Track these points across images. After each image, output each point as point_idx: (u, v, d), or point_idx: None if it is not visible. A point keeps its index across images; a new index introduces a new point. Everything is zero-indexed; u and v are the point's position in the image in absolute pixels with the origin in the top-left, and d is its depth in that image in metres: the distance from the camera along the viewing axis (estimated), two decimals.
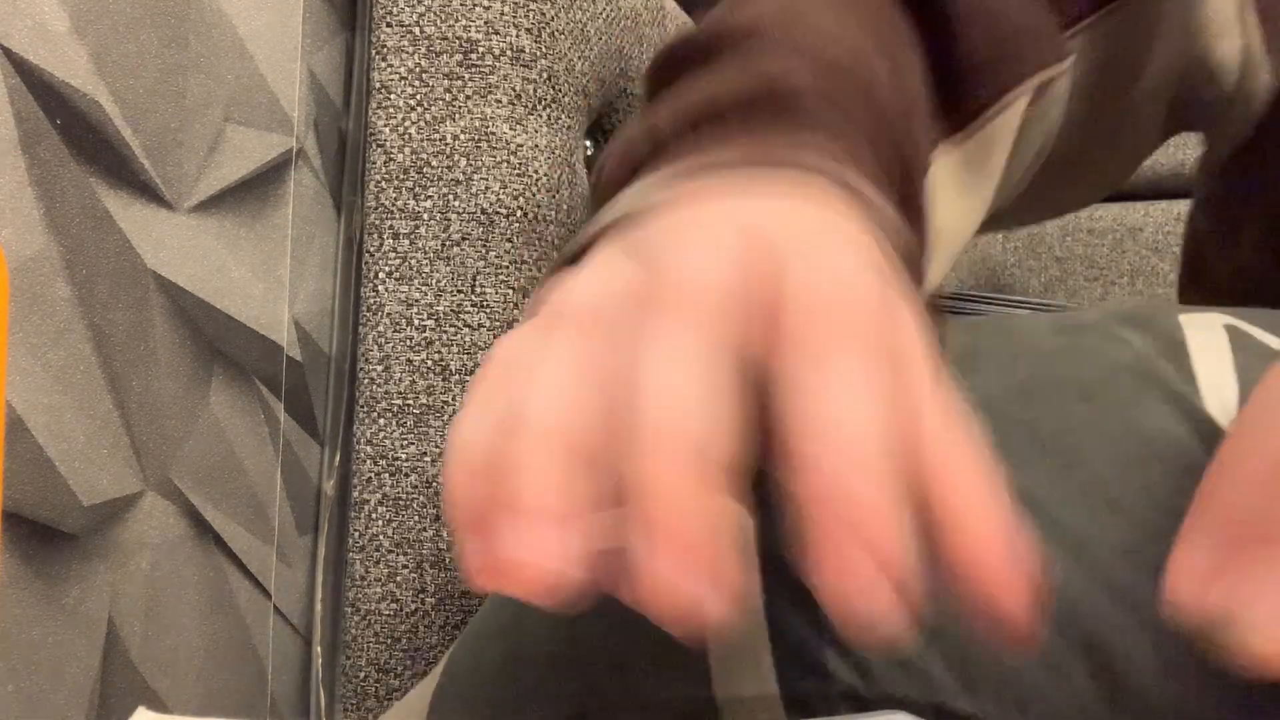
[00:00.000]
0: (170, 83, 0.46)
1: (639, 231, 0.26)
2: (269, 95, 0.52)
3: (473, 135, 0.56)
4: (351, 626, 0.55)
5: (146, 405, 0.45)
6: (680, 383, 0.21)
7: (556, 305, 0.24)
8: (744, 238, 0.24)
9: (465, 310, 0.56)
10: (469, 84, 0.56)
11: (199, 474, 0.48)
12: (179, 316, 0.47)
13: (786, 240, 0.24)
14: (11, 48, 0.39)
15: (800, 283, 0.23)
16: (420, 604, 0.55)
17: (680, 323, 0.22)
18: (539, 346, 0.23)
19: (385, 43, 0.57)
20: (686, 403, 0.21)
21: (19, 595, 0.40)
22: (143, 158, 0.45)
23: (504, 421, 0.22)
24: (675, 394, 0.21)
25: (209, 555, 0.50)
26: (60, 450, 0.41)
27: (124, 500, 0.44)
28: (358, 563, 0.55)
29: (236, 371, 0.51)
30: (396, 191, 0.56)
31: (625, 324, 0.22)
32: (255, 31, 0.51)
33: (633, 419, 0.21)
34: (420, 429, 0.55)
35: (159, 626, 0.46)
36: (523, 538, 0.20)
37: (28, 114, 0.39)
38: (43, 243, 0.40)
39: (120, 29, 0.43)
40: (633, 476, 0.20)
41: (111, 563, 0.44)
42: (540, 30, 0.58)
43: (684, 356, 0.22)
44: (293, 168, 0.54)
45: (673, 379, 0.21)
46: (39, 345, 0.40)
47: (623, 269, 0.24)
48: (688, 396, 0.21)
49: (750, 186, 0.27)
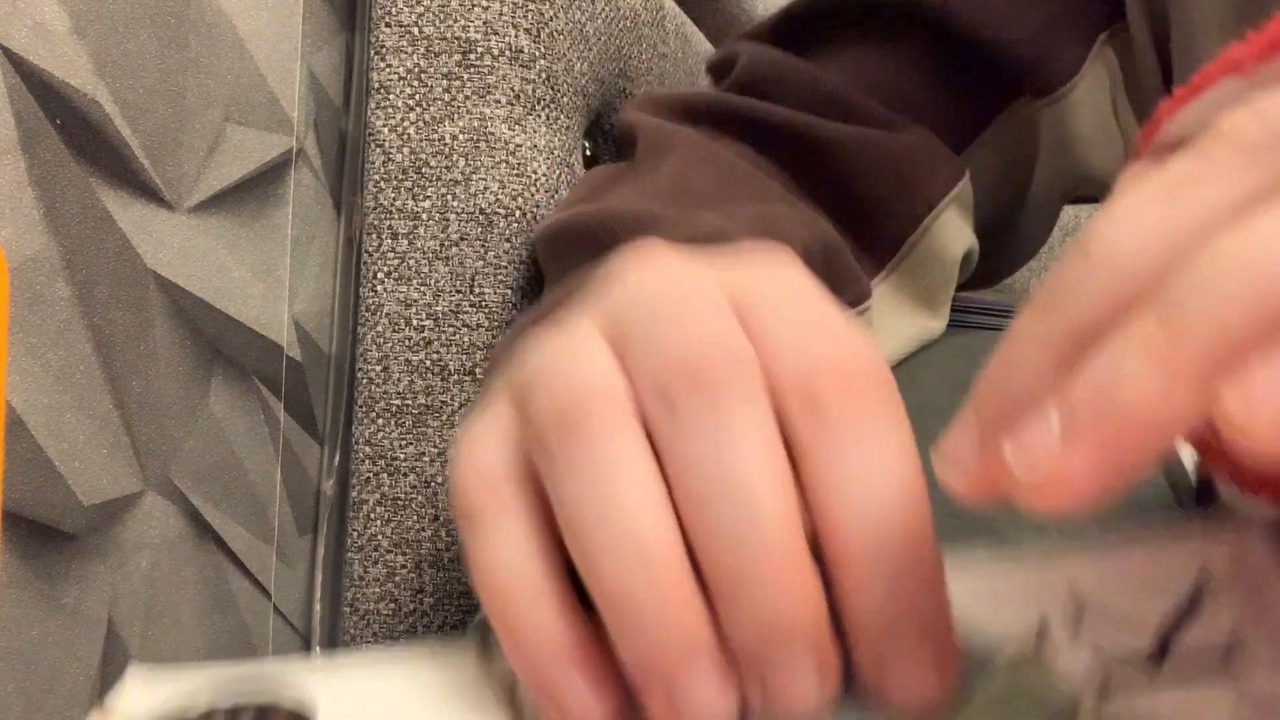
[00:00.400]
0: (170, 83, 0.46)
1: (613, 295, 0.25)
2: (269, 95, 0.52)
3: (471, 135, 0.56)
4: (350, 626, 0.55)
5: (146, 405, 0.45)
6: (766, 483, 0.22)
7: (568, 397, 0.23)
8: (734, 299, 0.24)
9: (464, 310, 0.56)
10: (468, 84, 0.56)
11: (199, 474, 0.48)
12: (179, 316, 0.47)
13: (778, 304, 0.24)
14: (11, 48, 0.39)
15: (811, 353, 0.23)
16: (419, 604, 0.55)
17: (734, 401, 0.22)
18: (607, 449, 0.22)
19: (384, 43, 0.57)
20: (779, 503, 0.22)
21: (19, 595, 0.40)
22: (143, 158, 0.45)
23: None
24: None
25: (209, 555, 0.50)
26: (60, 450, 0.41)
27: (124, 500, 0.44)
28: (356, 563, 0.55)
29: (236, 371, 0.51)
30: (395, 191, 0.56)
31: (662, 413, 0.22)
32: (255, 31, 0.51)
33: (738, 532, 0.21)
34: (419, 429, 0.55)
35: (159, 626, 0.46)
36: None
37: (28, 114, 0.39)
38: (43, 243, 0.40)
39: (120, 29, 0.43)
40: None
41: (111, 563, 0.44)
42: (539, 30, 0.58)
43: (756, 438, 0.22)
44: (293, 168, 0.54)
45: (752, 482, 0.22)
46: (39, 345, 0.40)
47: (602, 350, 0.24)
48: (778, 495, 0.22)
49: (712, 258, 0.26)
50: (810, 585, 0.21)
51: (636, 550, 0.21)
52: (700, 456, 0.21)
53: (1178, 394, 0.17)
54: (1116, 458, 0.17)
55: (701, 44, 0.83)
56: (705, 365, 0.22)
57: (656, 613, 0.21)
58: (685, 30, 0.79)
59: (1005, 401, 0.19)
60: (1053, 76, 0.46)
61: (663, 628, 0.21)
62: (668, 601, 0.21)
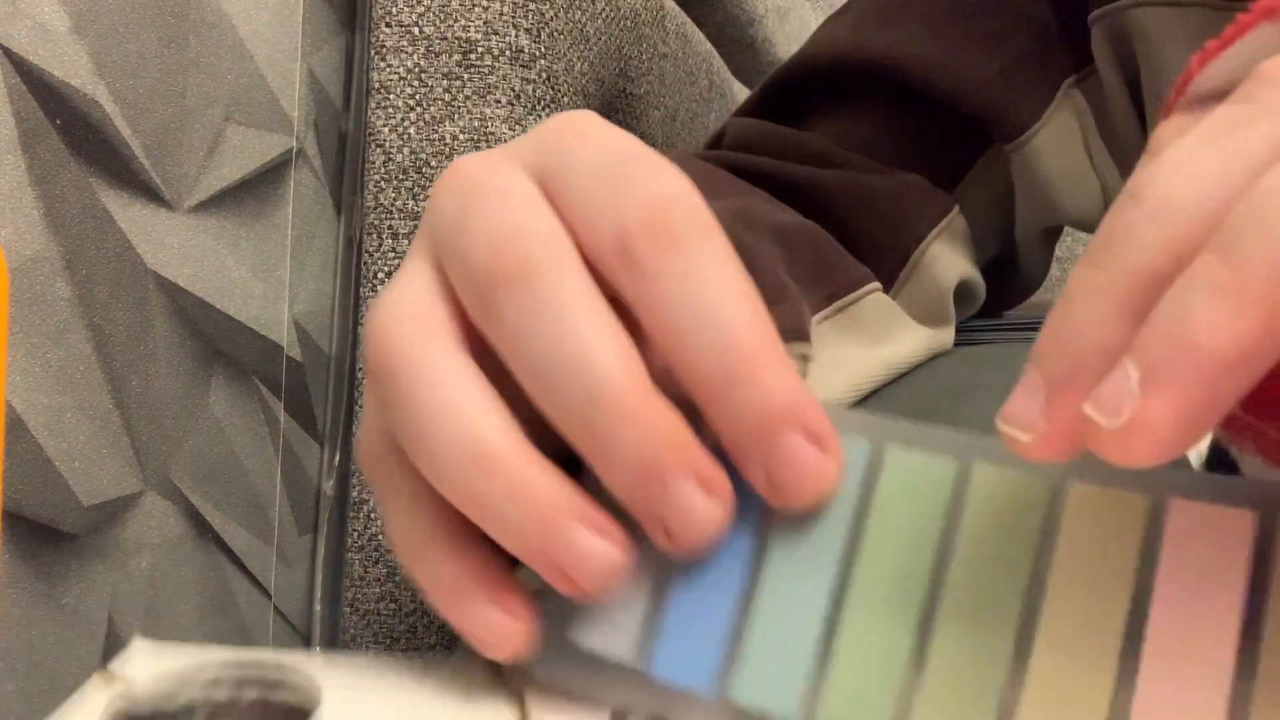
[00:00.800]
0: (170, 83, 0.46)
1: (429, 218, 0.26)
2: (269, 95, 0.52)
3: (472, 135, 0.56)
4: (350, 626, 0.55)
5: (146, 405, 0.45)
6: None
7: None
8: (539, 180, 0.25)
9: None
10: (468, 84, 0.56)
11: (199, 474, 0.49)
12: (179, 316, 0.47)
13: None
14: (11, 48, 0.39)
15: (617, 214, 0.24)
16: (419, 604, 0.55)
17: (552, 283, 0.23)
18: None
19: (384, 43, 0.57)
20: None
21: (19, 595, 0.40)
22: (143, 158, 0.45)
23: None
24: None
25: (209, 555, 0.50)
26: (60, 450, 0.41)
27: (124, 500, 0.44)
28: (356, 562, 0.55)
29: (236, 371, 0.51)
30: (396, 191, 0.56)
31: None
32: (255, 31, 0.51)
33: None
34: None
35: (159, 626, 0.46)
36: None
37: (28, 114, 0.39)
38: (43, 243, 0.40)
39: (120, 29, 0.43)
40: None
41: (111, 563, 0.44)
42: (539, 30, 0.58)
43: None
44: (293, 168, 0.54)
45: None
46: (39, 345, 0.40)
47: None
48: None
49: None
50: (668, 417, 0.22)
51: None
52: (535, 343, 0.23)
53: (1246, 326, 0.17)
54: (1198, 398, 0.17)
55: (701, 44, 0.83)
56: (518, 259, 0.23)
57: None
58: (685, 30, 0.79)
59: (1071, 357, 0.19)
60: (1014, 123, 0.47)
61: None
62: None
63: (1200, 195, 0.19)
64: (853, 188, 0.46)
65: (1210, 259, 0.17)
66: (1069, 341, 0.19)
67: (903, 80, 0.47)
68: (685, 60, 0.78)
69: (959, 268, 0.48)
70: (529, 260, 0.23)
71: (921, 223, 0.47)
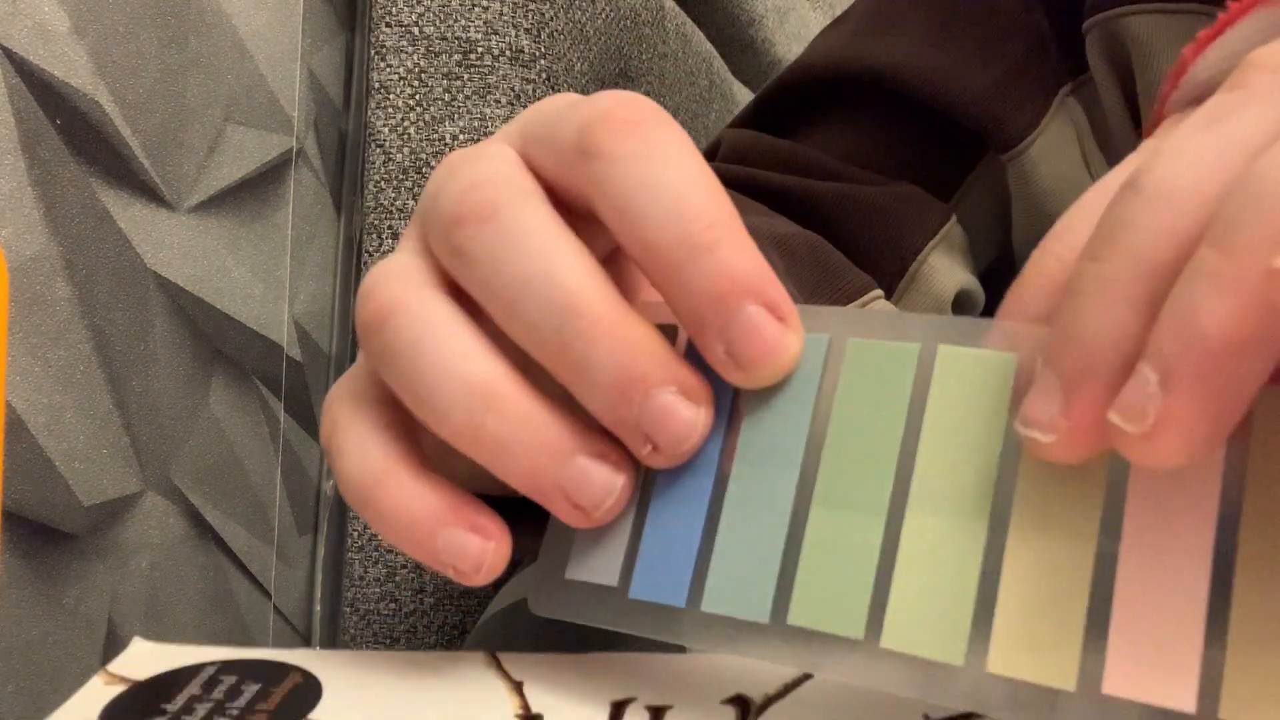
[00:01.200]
0: (170, 83, 0.46)
1: (423, 203, 0.26)
2: (269, 95, 0.52)
3: (472, 135, 0.56)
4: (350, 626, 0.55)
5: (146, 405, 0.45)
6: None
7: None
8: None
9: None
10: (468, 84, 0.56)
11: (199, 474, 0.49)
12: (179, 316, 0.47)
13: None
14: (11, 48, 0.39)
15: (577, 124, 0.24)
16: (419, 604, 0.55)
17: (513, 210, 0.24)
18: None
19: (384, 43, 0.57)
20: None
21: (19, 595, 0.40)
22: (143, 158, 0.45)
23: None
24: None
25: (209, 555, 0.50)
26: (60, 450, 0.41)
27: (124, 500, 0.44)
28: (356, 563, 0.55)
29: (236, 371, 0.51)
30: (396, 191, 0.56)
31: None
32: (255, 31, 0.51)
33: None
34: None
35: (159, 627, 0.46)
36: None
37: (28, 114, 0.39)
38: (43, 243, 0.40)
39: (120, 29, 0.43)
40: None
41: (111, 563, 0.44)
42: (539, 30, 0.58)
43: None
44: (293, 168, 0.54)
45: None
46: (39, 345, 0.40)
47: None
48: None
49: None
50: (644, 329, 0.23)
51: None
52: (505, 273, 0.23)
53: (1251, 313, 0.17)
54: (1219, 388, 0.17)
55: (701, 44, 0.83)
56: (483, 199, 0.24)
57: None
58: (685, 30, 0.79)
59: (1084, 354, 0.19)
60: (1009, 132, 0.47)
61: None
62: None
63: (1197, 181, 0.18)
64: (849, 199, 0.46)
65: (1208, 249, 0.17)
66: (1079, 338, 0.19)
67: (899, 90, 0.47)
68: (685, 60, 0.78)
69: (957, 278, 0.49)
70: (494, 200, 0.23)
71: (919, 234, 0.47)
